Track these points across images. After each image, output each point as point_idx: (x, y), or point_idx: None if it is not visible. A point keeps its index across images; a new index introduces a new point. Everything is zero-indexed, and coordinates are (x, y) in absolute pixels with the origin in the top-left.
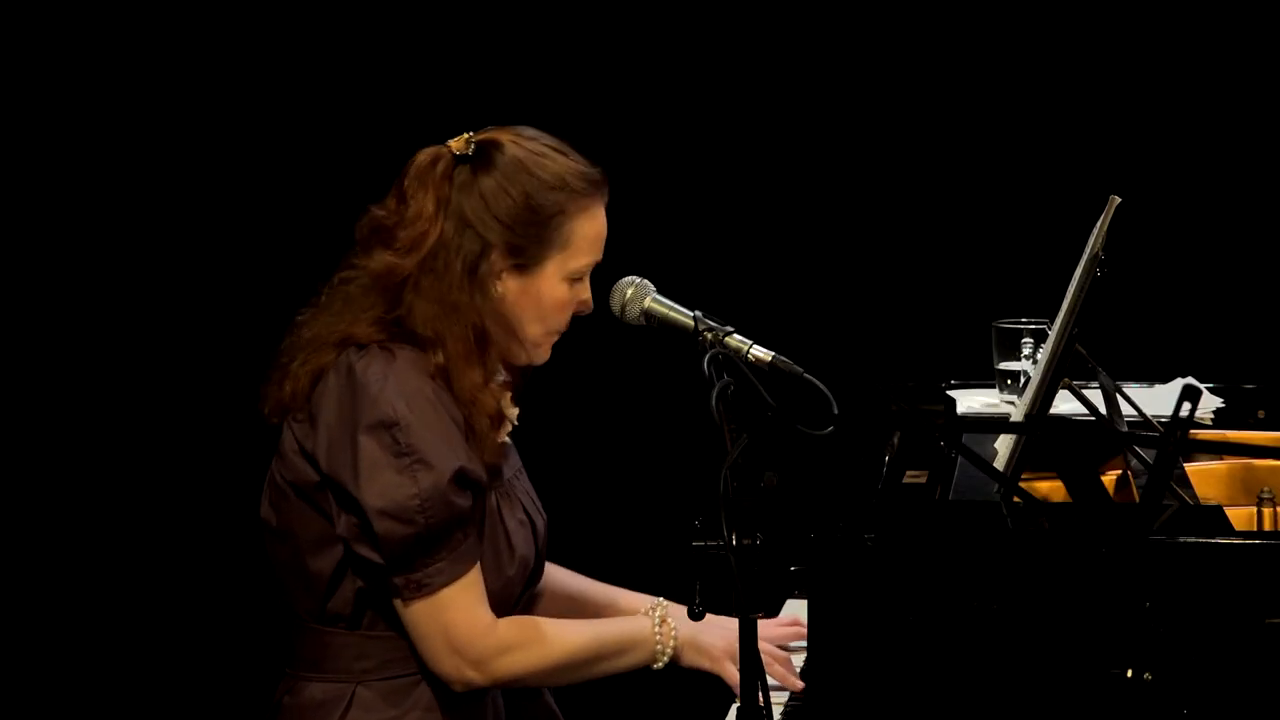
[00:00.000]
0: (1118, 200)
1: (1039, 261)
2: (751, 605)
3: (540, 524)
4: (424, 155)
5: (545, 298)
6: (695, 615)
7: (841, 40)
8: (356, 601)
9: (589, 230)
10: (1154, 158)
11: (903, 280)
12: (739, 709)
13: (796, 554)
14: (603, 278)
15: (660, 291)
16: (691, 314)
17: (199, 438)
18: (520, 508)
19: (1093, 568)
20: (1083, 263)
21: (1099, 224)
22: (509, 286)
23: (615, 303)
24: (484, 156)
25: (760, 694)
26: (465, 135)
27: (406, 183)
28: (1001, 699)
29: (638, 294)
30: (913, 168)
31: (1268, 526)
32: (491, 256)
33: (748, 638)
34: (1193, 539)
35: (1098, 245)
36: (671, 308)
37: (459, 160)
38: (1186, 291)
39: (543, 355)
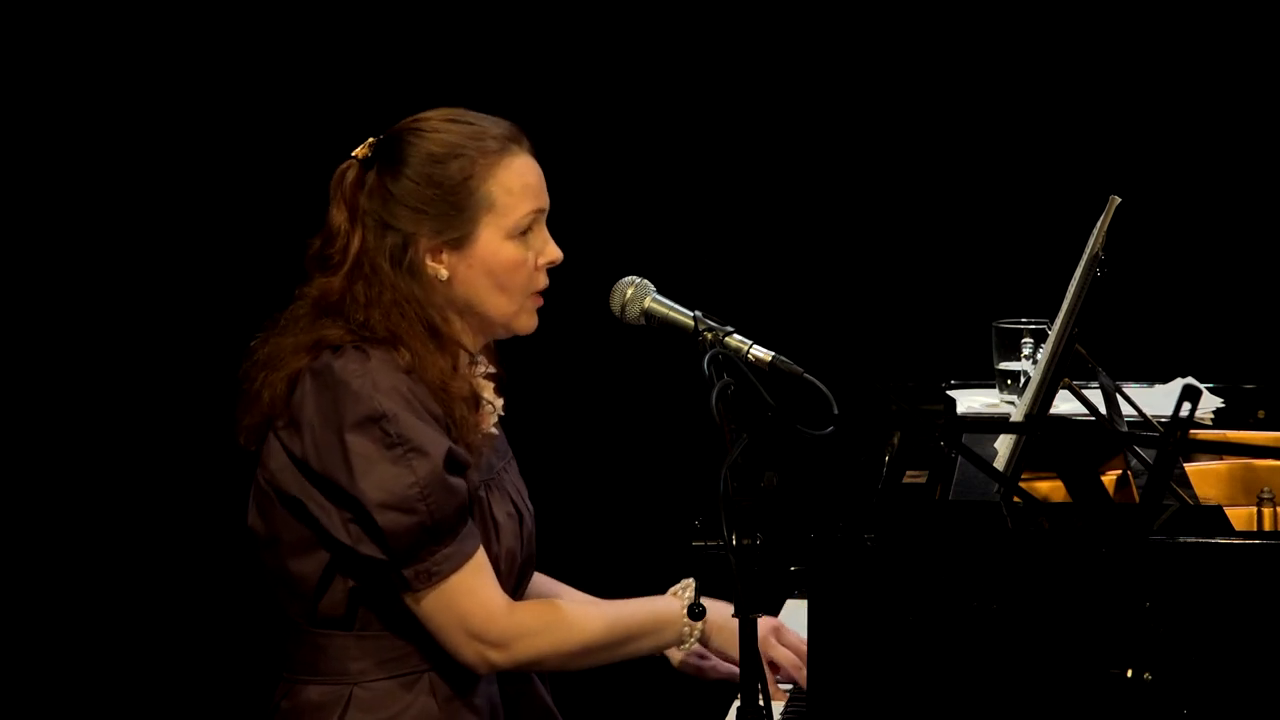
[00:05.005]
0: (1118, 200)
1: (1039, 261)
2: (751, 605)
3: (528, 518)
4: (336, 171)
5: (494, 262)
6: (696, 614)
7: (841, 40)
8: (349, 603)
9: (511, 183)
10: (1154, 158)
11: (903, 280)
12: (739, 709)
13: (796, 554)
14: (603, 278)
15: (660, 291)
16: (691, 314)
17: (193, 446)
18: (509, 501)
19: (1093, 568)
20: (1083, 263)
21: (1099, 224)
22: (452, 264)
23: (615, 303)
24: (383, 154)
25: (760, 694)
26: (370, 139)
27: (330, 203)
28: (1001, 699)
29: (638, 294)
30: (913, 168)
31: (1268, 526)
32: (418, 244)
33: (748, 638)
34: (1193, 539)
35: (1098, 245)
36: (671, 308)
37: (364, 165)
38: (1186, 291)
39: (525, 323)
